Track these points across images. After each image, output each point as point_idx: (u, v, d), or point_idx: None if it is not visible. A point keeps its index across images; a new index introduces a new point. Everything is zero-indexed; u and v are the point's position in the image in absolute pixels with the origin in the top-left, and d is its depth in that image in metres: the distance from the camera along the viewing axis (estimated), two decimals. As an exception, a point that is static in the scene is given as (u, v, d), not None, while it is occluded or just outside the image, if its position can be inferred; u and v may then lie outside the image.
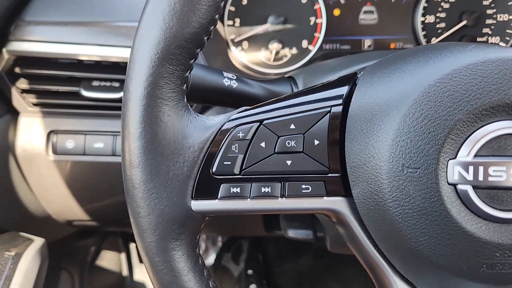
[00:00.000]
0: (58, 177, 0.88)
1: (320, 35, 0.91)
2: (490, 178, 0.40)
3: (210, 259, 1.61)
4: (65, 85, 0.81)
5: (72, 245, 1.19)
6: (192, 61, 0.43)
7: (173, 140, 0.43)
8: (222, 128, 0.44)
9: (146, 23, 0.41)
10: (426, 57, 0.44)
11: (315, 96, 0.46)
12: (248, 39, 0.91)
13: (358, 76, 0.48)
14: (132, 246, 1.40)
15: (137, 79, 0.41)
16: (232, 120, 0.45)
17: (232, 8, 0.90)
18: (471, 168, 0.40)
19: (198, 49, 0.43)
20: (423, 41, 0.91)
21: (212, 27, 0.43)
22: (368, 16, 0.91)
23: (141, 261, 1.43)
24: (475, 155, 0.40)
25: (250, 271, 1.51)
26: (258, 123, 0.44)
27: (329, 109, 0.45)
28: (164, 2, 0.41)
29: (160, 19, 0.41)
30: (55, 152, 0.85)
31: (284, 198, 0.44)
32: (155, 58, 0.41)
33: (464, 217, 0.41)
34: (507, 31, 0.90)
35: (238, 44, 0.92)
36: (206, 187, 0.44)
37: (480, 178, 0.40)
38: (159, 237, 0.43)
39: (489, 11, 0.90)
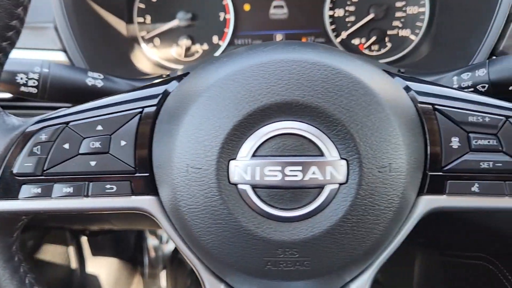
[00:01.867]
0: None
1: (229, 31, 0.91)
2: (266, 178, 0.40)
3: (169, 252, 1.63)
4: None
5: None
6: None
7: None
8: (26, 131, 0.45)
9: None
10: (227, 57, 0.45)
11: (129, 96, 0.47)
12: (159, 36, 0.92)
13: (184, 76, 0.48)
14: (84, 239, 1.42)
15: None
16: (39, 122, 0.46)
17: (142, 5, 0.91)
18: (249, 169, 0.41)
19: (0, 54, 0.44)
20: (332, 35, 0.90)
21: (10, 33, 0.44)
22: (278, 10, 0.91)
23: (94, 254, 1.45)
24: (254, 156, 0.41)
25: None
26: (64, 125, 0.45)
27: (141, 110, 0.46)
28: None
29: None
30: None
31: (88, 198, 0.45)
32: None
33: (246, 216, 0.41)
34: (417, 23, 0.89)
35: (149, 41, 0.92)
36: (8, 187, 0.45)
37: (257, 178, 0.41)
38: None
39: (398, 4, 0.89)
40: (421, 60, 0.87)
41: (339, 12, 0.90)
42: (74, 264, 1.38)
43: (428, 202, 0.44)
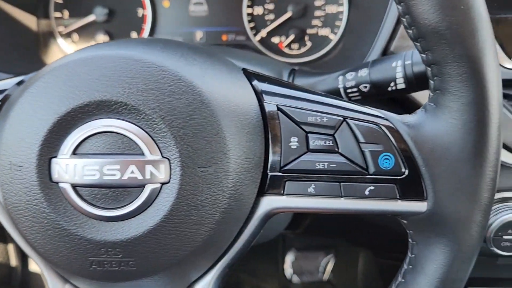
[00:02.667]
0: None
1: (146, 27, 0.90)
2: (85, 177, 0.40)
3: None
4: None
5: None
6: None
7: None
8: None
9: None
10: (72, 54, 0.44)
11: None
12: (77, 31, 0.91)
13: None
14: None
15: None
16: None
17: (59, 0, 0.90)
18: (69, 167, 0.40)
19: None
20: (251, 33, 0.90)
21: None
22: (198, 7, 0.90)
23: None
24: (74, 153, 0.40)
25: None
26: None
27: None
28: None
29: None
30: None
31: None
32: None
33: (68, 215, 0.40)
34: (336, 23, 0.88)
35: (67, 36, 0.91)
36: None
37: (77, 176, 0.40)
38: None
39: (317, 3, 0.88)
40: (338, 58, 0.87)
41: (258, 10, 0.89)
42: (14, 262, 1.36)
43: (269, 203, 0.44)
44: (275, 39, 0.90)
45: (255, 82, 0.45)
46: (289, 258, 1.51)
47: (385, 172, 0.42)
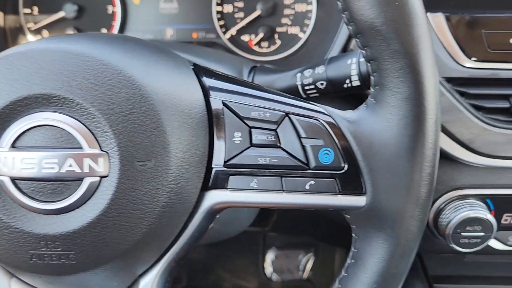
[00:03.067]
0: None
1: (116, 24, 0.90)
2: (23, 170, 0.40)
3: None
4: None
5: None
6: None
7: None
8: None
9: None
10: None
11: None
12: (47, 27, 0.91)
13: None
14: None
15: None
16: None
17: (29, -4, 0.90)
18: (7, 160, 0.40)
19: None
20: (220, 31, 0.90)
21: None
22: (168, 5, 0.90)
23: None
24: (12, 147, 0.40)
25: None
26: None
27: None
28: None
29: None
30: None
31: None
32: None
33: (7, 208, 0.40)
34: (305, 21, 0.89)
35: (37, 32, 0.91)
36: None
37: (15, 169, 0.40)
38: None
39: (287, 1, 0.89)
40: (307, 56, 0.87)
41: (228, 8, 0.89)
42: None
43: (213, 197, 0.44)
44: (245, 37, 0.90)
45: (203, 78, 0.45)
46: (270, 257, 1.51)
47: (325, 167, 0.42)
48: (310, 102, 0.44)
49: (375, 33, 0.39)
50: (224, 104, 0.44)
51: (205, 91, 0.45)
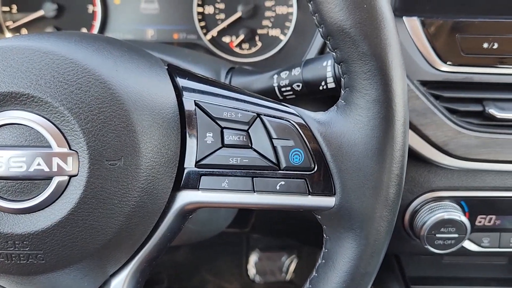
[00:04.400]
0: None
1: (97, 23, 0.89)
2: (-9, 169, 0.39)
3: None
4: None
5: None
6: None
7: None
8: None
9: None
10: None
11: None
12: (26, 26, 0.90)
13: None
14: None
15: None
16: None
17: (8, -6, 0.89)
18: (-25, 159, 0.39)
19: None
20: (201, 32, 0.90)
21: None
22: (149, 5, 0.90)
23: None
24: None
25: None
26: None
27: None
28: None
29: None
30: None
31: None
32: None
33: None
34: (286, 23, 0.89)
35: (15, 30, 0.90)
36: None
37: (-17, 168, 0.39)
38: None
39: (268, 4, 0.89)
40: (288, 58, 0.88)
41: (209, 9, 0.89)
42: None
43: (185, 198, 0.44)
44: (226, 39, 0.91)
45: (177, 78, 0.45)
46: (253, 259, 1.51)
47: (295, 167, 0.43)
48: (282, 103, 0.45)
49: (344, 35, 0.39)
50: (196, 104, 0.44)
51: (178, 91, 0.45)
